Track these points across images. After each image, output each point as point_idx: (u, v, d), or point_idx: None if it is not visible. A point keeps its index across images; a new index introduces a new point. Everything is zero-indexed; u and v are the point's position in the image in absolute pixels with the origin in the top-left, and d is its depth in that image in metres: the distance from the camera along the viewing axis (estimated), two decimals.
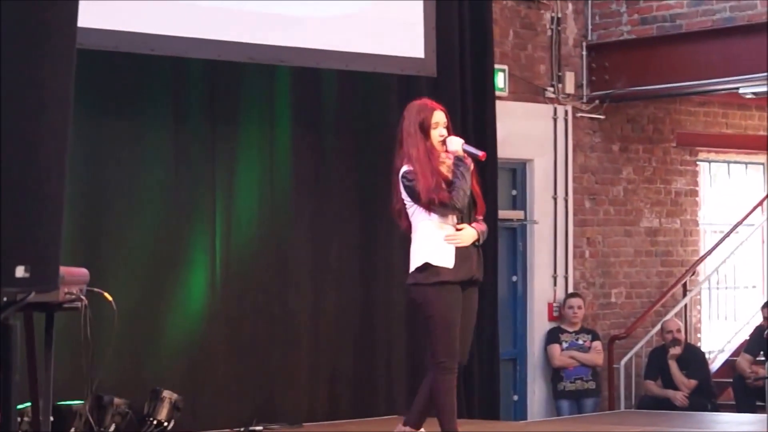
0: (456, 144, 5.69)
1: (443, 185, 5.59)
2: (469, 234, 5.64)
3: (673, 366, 9.60)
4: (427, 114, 5.69)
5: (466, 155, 5.68)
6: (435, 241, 5.61)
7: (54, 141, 3.31)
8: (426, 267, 5.60)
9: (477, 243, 5.68)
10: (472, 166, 5.70)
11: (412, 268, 5.67)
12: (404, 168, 5.64)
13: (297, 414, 7.71)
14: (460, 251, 5.61)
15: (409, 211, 5.67)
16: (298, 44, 7.49)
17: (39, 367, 4.43)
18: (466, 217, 5.69)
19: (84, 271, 4.55)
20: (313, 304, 7.93)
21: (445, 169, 5.67)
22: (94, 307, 4.78)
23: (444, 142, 5.69)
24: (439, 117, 5.72)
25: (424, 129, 5.66)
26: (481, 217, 5.78)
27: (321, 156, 8.03)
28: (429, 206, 5.58)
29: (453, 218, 5.65)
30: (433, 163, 5.63)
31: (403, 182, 5.64)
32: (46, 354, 4.37)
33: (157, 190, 7.43)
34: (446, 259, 5.59)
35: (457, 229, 5.63)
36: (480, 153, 5.73)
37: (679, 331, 9.82)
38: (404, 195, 5.65)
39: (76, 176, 6.89)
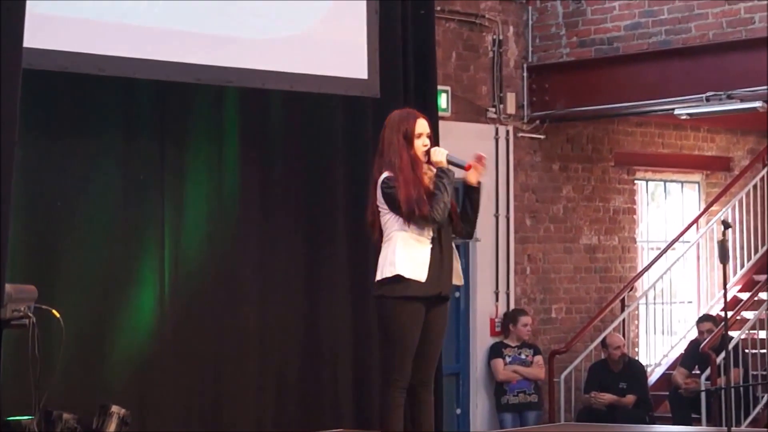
0: (440, 155, 5.49)
1: (425, 198, 5.39)
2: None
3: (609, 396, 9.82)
4: (411, 123, 5.49)
5: (450, 167, 5.50)
6: (409, 252, 5.39)
7: None
8: (394, 279, 5.38)
9: (477, 185, 5.58)
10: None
11: (379, 277, 5.43)
12: (385, 174, 5.43)
13: (244, 428, 7.76)
14: (433, 266, 5.41)
15: (383, 219, 5.45)
16: (245, 65, 7.55)
17: None
18: (444, 230, 5.50)
19: (32, 288, 4.58)
20: (259, 319, 7.96)
21: (427, 181, 5.46)
22: (42, 323, 4.84)
23: (428, 153, 5.49)
24: (423, 127, 5.52)
25: (408, 138, 5.46)
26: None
27: (268, 175, 8.07)
28: (409, 217, 5.38)
29: (430, 231, 5.45)
30: (416, 173, 5.43)
31: (382, 188, 5.42)
32: None
33: (106, 209, 7.44)
34: (418, 272, 5.39)
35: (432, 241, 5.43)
36: (465, 163, 5.52)
37: (624, 345, 10.02)
38: (380, 201, 5.44)
39: (25, 194, 6.91)
